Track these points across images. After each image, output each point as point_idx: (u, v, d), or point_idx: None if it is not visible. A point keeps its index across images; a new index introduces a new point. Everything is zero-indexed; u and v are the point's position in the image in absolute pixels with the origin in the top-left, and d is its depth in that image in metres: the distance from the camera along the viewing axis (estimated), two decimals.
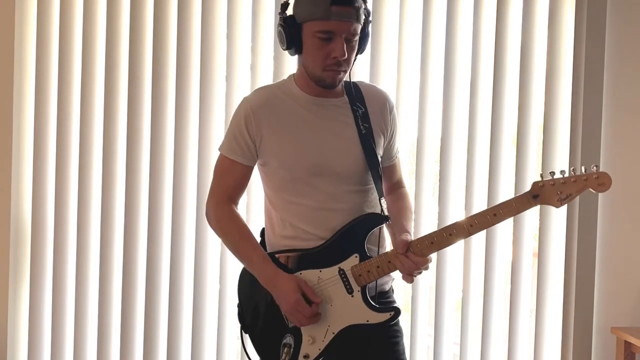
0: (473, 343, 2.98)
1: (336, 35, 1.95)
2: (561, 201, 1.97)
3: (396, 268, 2.01)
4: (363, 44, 2.05)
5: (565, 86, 2.92)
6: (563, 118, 2.92)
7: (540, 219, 2.95)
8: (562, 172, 1.97)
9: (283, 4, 2.02)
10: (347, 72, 2.03)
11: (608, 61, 2.90)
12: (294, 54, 2.05)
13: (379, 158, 2.10)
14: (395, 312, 2.02)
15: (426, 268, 2.03)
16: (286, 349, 1.96)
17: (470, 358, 2.99)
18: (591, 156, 2.86)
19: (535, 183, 1.98)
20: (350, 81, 2.10)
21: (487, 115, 2.94)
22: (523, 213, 2.86)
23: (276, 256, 2.05)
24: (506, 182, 2.94)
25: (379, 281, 2.08)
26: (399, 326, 2.13)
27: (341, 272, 2.01)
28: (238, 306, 2.14)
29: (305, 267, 2.02)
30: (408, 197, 2.25)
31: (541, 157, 2.94)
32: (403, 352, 2.13)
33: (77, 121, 3.05)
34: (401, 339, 2.13)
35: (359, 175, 2.07)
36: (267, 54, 2.98)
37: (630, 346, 2.79)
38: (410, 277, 2.03)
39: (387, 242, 2.15)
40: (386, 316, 2.01)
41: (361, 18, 1.98)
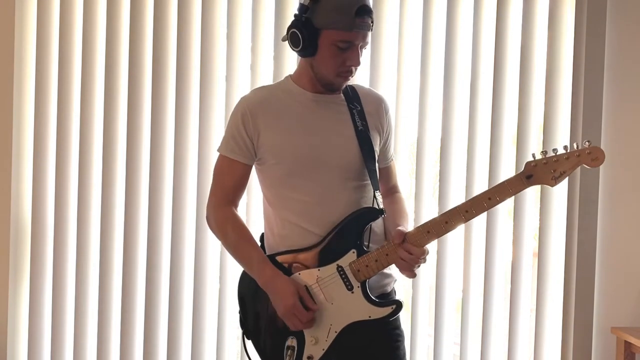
0: (473, 343, 2.98)
1: (354, 44, 1.97)
2: (555, 179, 1.94)
3: (394, 261, 1.99)
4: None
5: (565, 86, 2.92)
6: (563, 118, 2.92)
7: (540, 219, 2.94)
8: (555, 150, 1.95)
9: (303, 7, 1.99)
10: None
11: (608, 61, 2.89)
12: (305, 57, 2.04)
13: (376, 154, 2.11)
14: (397, 306, 2.00)
15: (424, 260, 2.01)
16: (289, 352, 1.96)
17: (470, 358, 2.99)
18: None
19: (528, 163, 1.96)
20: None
21: (487, 115, 2.94)
22: (523, 213, 2.91)
23: (276, 258, 2.04)
24: None
25: (381, 283, 2.08)
26: (401, 329, 2.13)
27: (339, 269, 2.00)
28: (239, 312, 2.13)
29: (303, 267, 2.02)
30: (404, 202, 2.24)
31: None
32: (404, 356, 2.12)
33: (77, 121, 3.05)
34: (402, 343, 2.12)
35: (356, 169, 2.07)
36: (267, 54, 2.98)
37: (630, 346, 2.79)
38: (411, 272, 2.01)
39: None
40: (388, 310, 1.99)
41: (372, 27, 2.02)
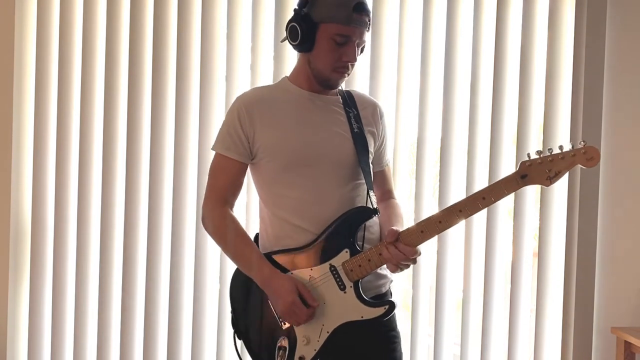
0: (473, 343, 2.98)
1: (351, 40, 2.00)
2: (550, 179, 1.93)
3: (387, 260, 1.98)
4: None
5: (565, 86, 2.91)
6: (563, 118, 2.92)
7: (540, 219, 2.94)
8: (550, 150, 1.93)
9: (303, 1, 2.03)
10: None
11: (608, 61, 2.89)
12: (302, 51, 2.06)
13: (370, 155, 2.11)
14: (390, 306, 1.99)
15: (414, 261, 2.00)
16: (281, 352, 1.96)
17: (470, 358, 2.98)
18: None
19: (522, 163, 1.95)
20: (342, 89, 2.16)
21: (487, 115, 2.94)
22: (523, 213, 2.91)
23: (273, 257, 2.04)
24: None
25: (376, 283, 2.07)
26: (397, 331, 2.12)
27: (332, 269, 1.99)
28: (231, 312, 2.13)
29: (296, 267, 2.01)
30: (399, 207, 2.24)
31: None
32: (400, 358, 2.11)
33: (77, 121, 3.05)
34: (398, 345, 2.11)
35: (350, 167, 2.07)
36: (267, 54, 2.98)
37: (630, 346, 2.79)
38: (395, 267, 1.99)
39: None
40: (381, 310, 1.98)
41: (369, 27, 2.05)
